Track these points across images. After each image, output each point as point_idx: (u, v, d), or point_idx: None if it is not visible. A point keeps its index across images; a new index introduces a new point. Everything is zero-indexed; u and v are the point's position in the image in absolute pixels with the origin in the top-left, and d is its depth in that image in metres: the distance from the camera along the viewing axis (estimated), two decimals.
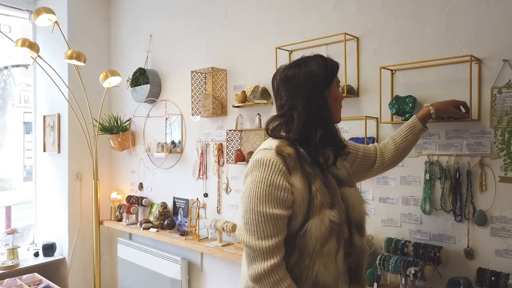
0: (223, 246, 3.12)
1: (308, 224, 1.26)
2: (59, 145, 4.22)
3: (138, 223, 3.88)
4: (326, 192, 1.32)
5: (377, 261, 2.26)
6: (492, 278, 1.94)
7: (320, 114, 1.36)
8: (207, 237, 3.36)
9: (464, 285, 2.01)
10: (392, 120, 2.35)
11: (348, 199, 1.40)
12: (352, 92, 2.49)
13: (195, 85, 3.37)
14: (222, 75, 3.29)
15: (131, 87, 3.99)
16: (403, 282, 2.15)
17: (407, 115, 2.21)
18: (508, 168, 1.71)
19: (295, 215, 1.28)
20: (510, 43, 1.99)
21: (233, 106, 3.10)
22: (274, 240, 1.23)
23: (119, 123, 4.09)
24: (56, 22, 3.42)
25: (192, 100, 3.37)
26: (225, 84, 3.30)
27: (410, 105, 2.23)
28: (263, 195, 1.24)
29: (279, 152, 1.30)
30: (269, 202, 1.23)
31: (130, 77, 3.99)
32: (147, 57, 3.96)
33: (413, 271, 2.10)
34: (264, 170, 1.27)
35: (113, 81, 3.49)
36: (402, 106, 2.25)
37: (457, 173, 2.14)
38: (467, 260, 2.12)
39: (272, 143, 1.36)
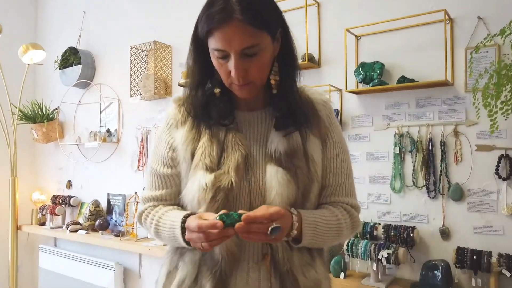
0: (165, 244, 2.68)
1: (184, 190, 1.05)
2: None
3: (65, 226, 3.32)
4: (213, 152, 1.02)
5: (344, 247, 1.98)
6: (474, 257, 1.73)
7: (191, 71, 1.06)
8: (147, 237, 2.90)
9: (442, 268, 1.78)
10: (357, 87, 2.12)
11: (267, 178, 1.00)
12: (314, 62, 2.24)
13: (134, 63, 2.97)
14: (167, 52, 2.92)
15: (59, 69, 3.48)
16: (374, 269, 1.88)
17: (376, 81, 1.99)
18: (494, 126, 1.52)
19: (182, 175, 1.07)
20: None
21: (179, 85, 2.74)
22: (154, 193, 1.11)
23: (44, 111, 3.54)
24: None
25: (131, 79, 2.96)
26: (169, 62, 2.93)
27: (378, 71, 2.01)
28: (153, 149, 1.16)
29: (177, 100, 1.12)
30: (153, 157, 1.13)
31: (59, 57, 3.49)
32: (80, 36, 3.49)
33: (385, 255, 1.84)
34: (162, 123, 1.14)
35: (35, 56, 2.98)
36: (369, 73, 2.03)
37: (430, 144, 1.94)
38: (442, 240, 1.90)
39: None
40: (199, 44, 1.00)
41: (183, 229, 0.97)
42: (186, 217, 0.99)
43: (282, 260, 0.97)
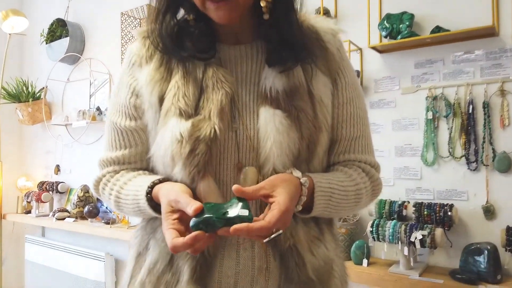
0: None
1: (153, 147, 0.81)
2: None
3: (51, 213, 3.04)
4: (189, 92, 0.76)
5: (368, 229, 1.68)
6: None
7: None
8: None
9: (488, 252, 1.48)
10: (381, 41, 1.81)
11: (260, 124, 0.75)
12: (329, 17, 1.94)
13: (126, 31, 2.68)
14: None
15: (46, 43, 3.19)
16: (405, 253, 1.58)
17: (405, 33, 1.69)
18: None
19: (149, 128, 0.83)
20: None
21: None
22: (114, 153, 0.86)
23: (30, 89, 3.25)
24: None
25: (122, 49, 2.67)
26: None
27: (407, 22, 1.71)
28: (111, 98, 0.90)
29: (141, 33, 0.86)
30: (112, 108, 0.88)
31: (46, 31, 3.20)
32: (68, 6, 3.19)
33: (420, 236, 1.54)
34: (123, 65, 0.89)
35: (17, 24, 2.70)
36: (397, 25, 1.73)
37: (470, 107, 1.64)
38: (486, 220, 1.60)
39: None
40: None
41: (150, 198, 0.75)
42: (155, 182, 0.75)
43: (283, 234, 0.71)
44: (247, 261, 0.74)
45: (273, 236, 0.63)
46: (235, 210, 0.62)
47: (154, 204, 0.75)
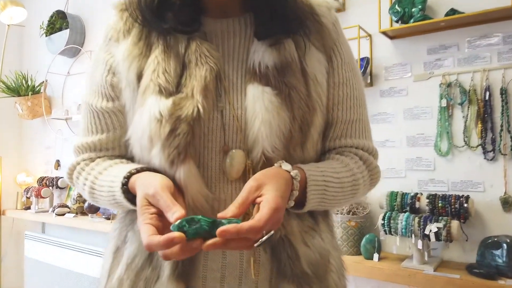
0: None
1: (131, 128, 0.75)
2: None
3: (51, 209, 2.97)
4: (170, 68, 0.70)
5: (380, 222, 1.60)
6: None
7: None
8: None
9: (507, 245, 1.41)
10: (391, 25, 1.74)
11: (248, 103, 0.68)
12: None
13: None
14: None
15: (46, 35, 3.13)
16: (419, 247, 1.51)
17: (418, 16, 1.61)
18: None
19: (127, 108, 0.76)
20: None
21: None
22: (90, 138, 0.79)
23: (30, 82, 3.19)
24: None
25: None
26: None
27: (420, 6, 1.63)
28: (87, 78, 0.83)
29: (119, 5, 0.79)
30: (89, 88, 0.80)
31: (46, 23, 3.13)
32: None
33: (435, 229, 1.46)
34: (100, 41, 0.81)
35: (15, 15, 2.63)
36: (409, 9, 1.65)
37: (487, 94, 1.56)
38: (504, 212, 1.53)
39: None
40: None
41: (126, 189, 0.68)
42: (132, 172, 0.68)
43: None
44: (235, 253, 0.67)
45: (264, 238, 0.56)
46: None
47: (131, 197, 0.67)
